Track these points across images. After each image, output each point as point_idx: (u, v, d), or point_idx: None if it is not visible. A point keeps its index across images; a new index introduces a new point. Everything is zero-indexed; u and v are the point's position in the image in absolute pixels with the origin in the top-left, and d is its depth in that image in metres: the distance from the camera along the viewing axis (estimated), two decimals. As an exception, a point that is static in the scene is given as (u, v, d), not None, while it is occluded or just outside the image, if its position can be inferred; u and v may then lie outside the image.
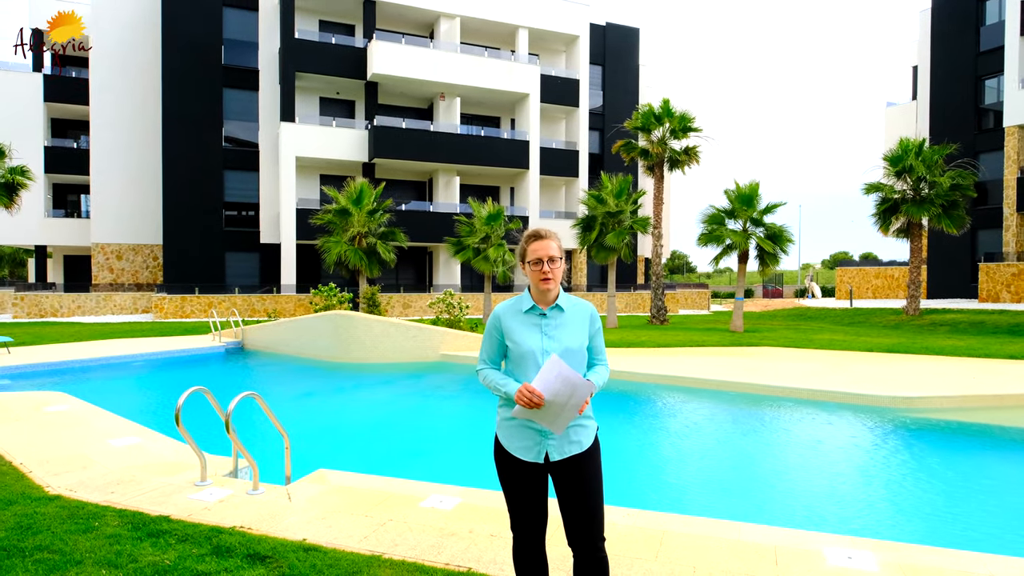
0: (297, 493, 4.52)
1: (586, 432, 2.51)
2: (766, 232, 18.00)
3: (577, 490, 2.45)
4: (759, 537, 3.81)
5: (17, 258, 47.96)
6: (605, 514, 4.04)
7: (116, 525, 3.87)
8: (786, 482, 5.93)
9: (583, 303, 2.57)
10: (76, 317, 25.21)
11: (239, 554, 3.50)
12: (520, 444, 2.46)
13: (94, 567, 3.31)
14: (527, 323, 2.47)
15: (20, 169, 21.55)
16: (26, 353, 12.63)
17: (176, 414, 4.53)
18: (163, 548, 3.57)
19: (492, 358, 2.56)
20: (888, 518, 4.94)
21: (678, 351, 13.59)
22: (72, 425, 6.52)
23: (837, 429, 7.85)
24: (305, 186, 28.28)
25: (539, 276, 2.46)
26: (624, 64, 35.03)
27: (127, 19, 28.90)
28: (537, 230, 2.55)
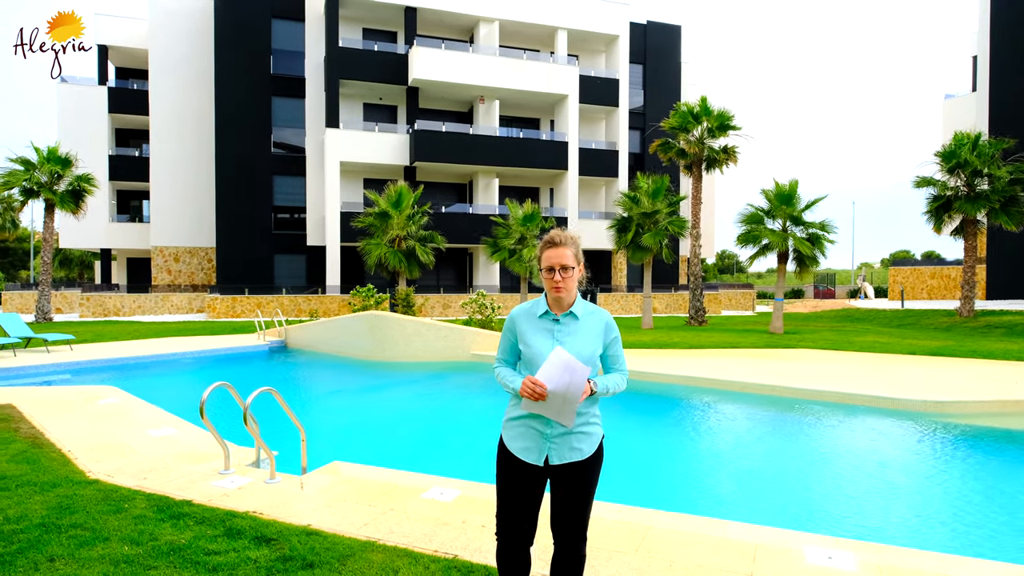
0: (310, 482, 4.82)
1: (589, 440, 2.51)
2: (805, 232, 17.63)
3: (570, 496, 2.49)
4: (743, 535, 3.89)
5: (85, 261, 50.76)
6: (596, 510, 4.22)
7: (143, 507, 4.24)
8: (798, 485, 5.93)
9: (599, 311, 2.57)
10: (136, 316, 26.60)
11: (248, 536, 3.80)
12: (522, 445, 2.48)
13: (118, 543, 3.66)
14: (540, 328, 2.49)
15: (85, 177, 22.95)
16: (87, 350, 13.49)
17: (200, 407, 4.90)
18: (181, 529, 3.90)
19: (507, 358, 2.61)
20: (900, 523, 4.91)
21: (709, 352, 13.49)
22: (118, 417, 7.03)
23: (860, 433, 7.75)
24: (349, 190, 29.08)
25: (551, 284, 2.46)
26: (665, 62, 34.72)
27: (183, 33, 30.32)
28: (552, 237, 2.52)
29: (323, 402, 10.26)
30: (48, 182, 22.17)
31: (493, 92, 29.46)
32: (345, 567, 3.41)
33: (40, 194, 22.10)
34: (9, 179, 21.73)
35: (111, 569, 3.35)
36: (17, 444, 5.78)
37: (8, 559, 3.45)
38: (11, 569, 3.34)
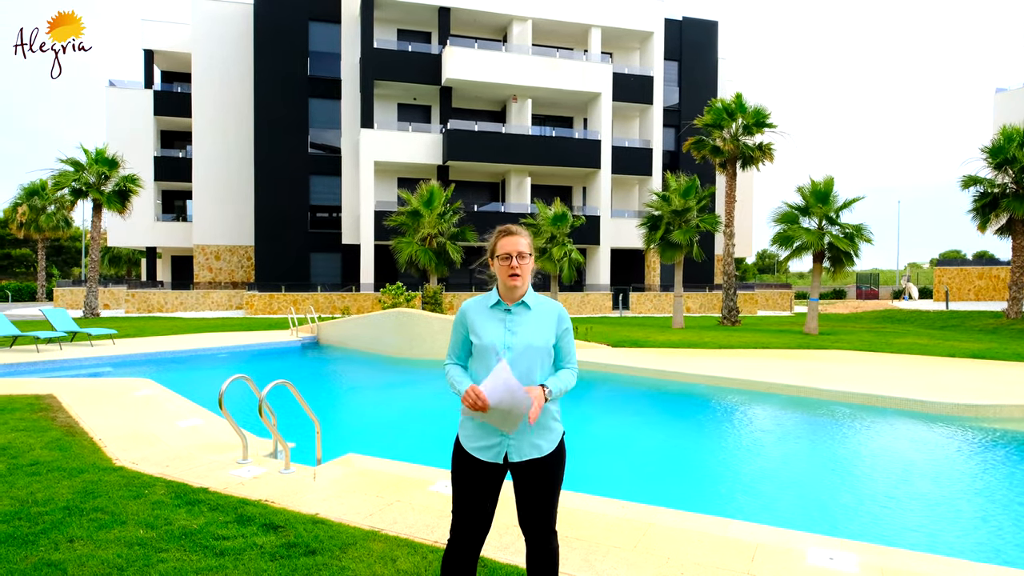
0: (323, 473, 4.94)
1: (549, 436, 2.47)
2: (841, 231, 17.20)
3: (534, 492, 2.47)
4: (745, 534, 3.86)
5: (133, 258, 52.64)
6: (598, 506, 4.23)
7: (162, 494, 4.42)
8: (815, 487, 5.82)
9: (551, 302, 2.55)
10: (178, 312, 27.48)
11: (257, 523, 3.93)
12: (480, 443, 2.43)
13: (135, 527, 3.83)
14: (491, 318, 2.47)
15: (131, 177, 23.80)
16: (128, 344, 14.02)
17: (219, 399, 5.07)
18: (195, 515, 4.06)
19: (457, 354, 2.57)
20: (919, 528, 4.79)
21: (738, 353, 13.29)
22: (150, 408, 7.31)
23: (886, 436, 7.55)
24: (383, 189, 29.48)
25: (507, 272, 2.43)
26: (701, 59, 34.23)
27: (224, 37, 31.16)
28: (508, 226, 2.53)
29: (349, 397, 10.46)
30: (96, 183, 23.07)
31: (526, 91, 29.49)
32: (346, 555, 3.50)
33: (88, 194, 23.01)
34: (60, 180, 22.70)
35: (125, 551, 3.51)
36: (53, 432, 6.07)
37: (32, 539, 3.64)
38: (34, 548, 3.53)
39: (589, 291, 29.94)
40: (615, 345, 14.14)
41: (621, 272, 32.90)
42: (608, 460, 6.84)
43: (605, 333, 16.56)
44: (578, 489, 4.73)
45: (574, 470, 6.25)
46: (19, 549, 3.51)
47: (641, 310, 30.16)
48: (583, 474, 6.18)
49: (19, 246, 53.45)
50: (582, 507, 4.28)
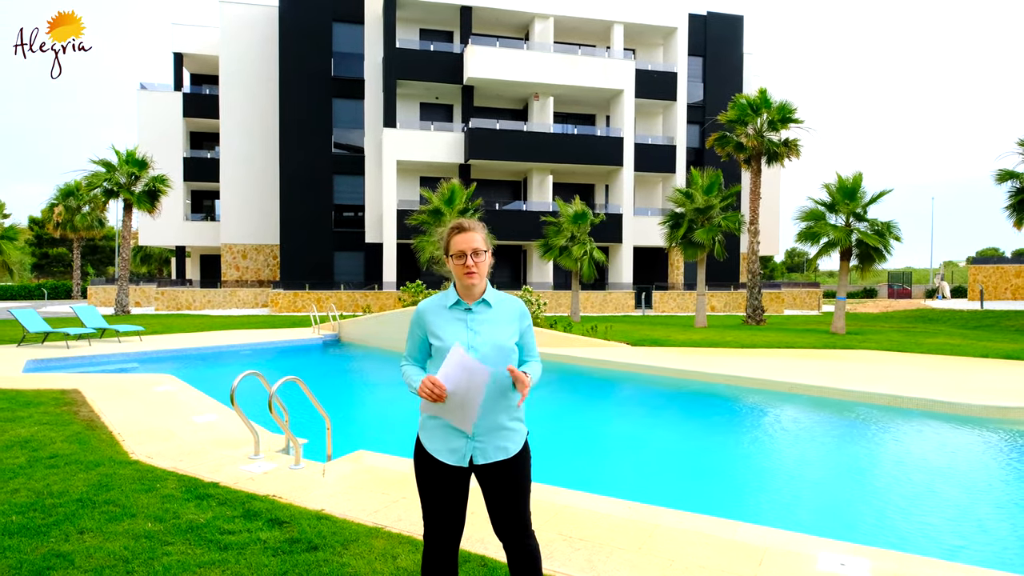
0: (332, 470, 4.97)
1: (514, 437, 2.40)
2: (870, 227, 16.81)
3: (503, 495, 2.39)
4: (754, 538, 3.77)
5: (164, 257, 53.77)
6: (604, 506, 4.18)
7: (173, 488, 4.48)
8: (834, 490, 5.69)
9: (512, 299, 2.48)
10: (206, 310, 27.99)
11: (263, 518, 3.96)
12: (443, 446, 2.35)
13: (144, 520, 3.89)
14: (451, 318, 2.37)
15: (160, 178, 24.29)
16: (155, 341, 14.31)
17: (231, 395, 5.12)
18: (204, 509, 4.10)
19: (414, 356, 2.48)
20: (941, 534, 4.64)
21: (761, 352, 13.07)
22: (169, 403, 7.44)
23: (911, 438, 7.34)
24: (405, 188, 29.66)
25: (463, 270, 2.34)
26: (726, 54, 33.77)
27: (251, 39, 31.63)
28: (460, 222, 2.43)
29: (365, 394, 10.53)
30: (127, 183, 23.58)
31: (548, 89, 29.41)
32: (347, 551, 3.50)
33: (119, 194, 23.54)
34: (92, 180, 23.26)
35: (132, 543, 3.56)
36: (74, 426, 6.20)
37: (44, 530, 3.72)
38: (45, 539, 3.60)
39: (611, 290, 29.75)
40: (635, 344, 14.02)
41: (644, 271, 32.63)
42: (619, 459, 6.77)
43: (625, 332, 16.43)
44: (586, 488, 4.68)
45: (584, 469, 6.23)
46: (31, 540, 3.58)
47: (664, 309, 29.87)
48: (592, 473, 6.12)
49: (56, 245, 54.95)
50: (588, 507, 4.23)
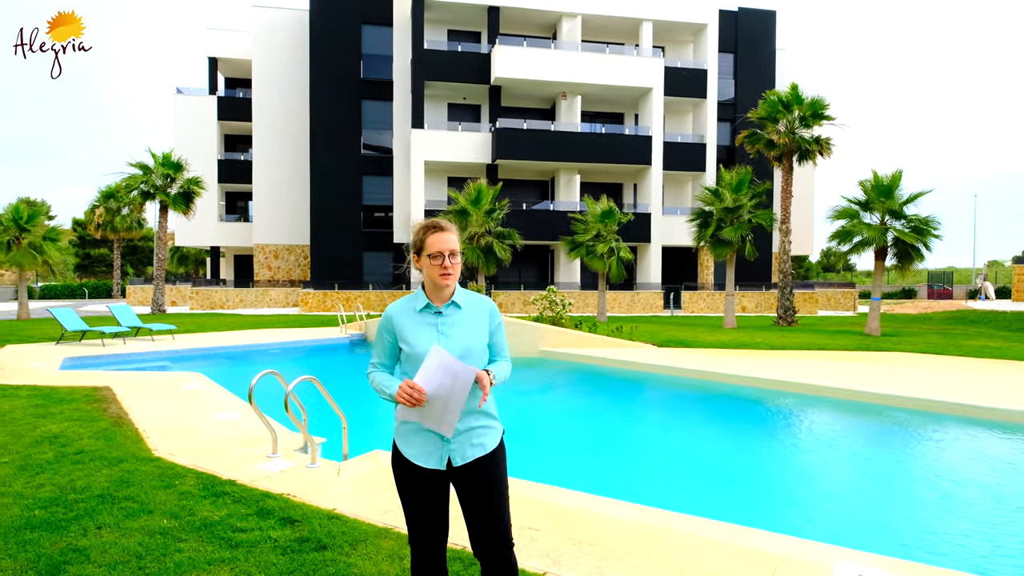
0: (347, 469, 5.00)
1: (490, 434, 2.37)
2: (907, 225, 16.33)
3: (481, 494, 2.32)
4: (769, 546, 3.67)
5: (200, 258, 55.06)
6: (616, 510, 4.11)
7: (191, 485, 4.56)
8: (858, 498, 5.52)
9: (482, 298, 2.43)
10: (239, 309, 28.56)
11: (276, 516, 4.00)
12: (420, 450, 2.29)
13: (160, 516, 3.96)
14: (421, 322, 2.31)
15: (194, 180, 24.85)
16: (187, 340, 14.64)
17: (249, 393, 5.20)
18: (219, 506, 4.16)
19: (383, 361, 2.40)
20: (970, 548, 4.47)
21: (790, 354, 12.79)
22: (195, 401, 7.59)
23: (944, 445, 7.09)
24: (433, 188, 29.81)
25: (438, 271, 2.27)
26: (758, 50, 33.17)
27: (282, 43, 32.17)
28: (437, 221, 2.36)
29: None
30: (162, 185, 24.19)
31: (575, 88, 29.26)
32: (355, 551, 3.51)
33: (155, 196, 24.16)
34: (129, 182, 23.93)
35: (146, 539, 3.62)
36: (102, 423, 6.36)
37: (64, 524, 3.81)
38: (64, 533, 3.69)
39: (640, 290, 29.48)
40: (660, 345, 13.85)
41: (673, 270, 32.26)
42: (635, 462, 6.68)
43: (652, 332, 16.25)
44: (600, 492, 4.62)
45: (598, 472, 6.15)
46: (51, 534, 3.68)
47: (694, 309, 29.49)
48: (606, 476, 6.05)
49: (98, 246, 56.67)
50: (599, 511, 4.17)
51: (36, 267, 21.16)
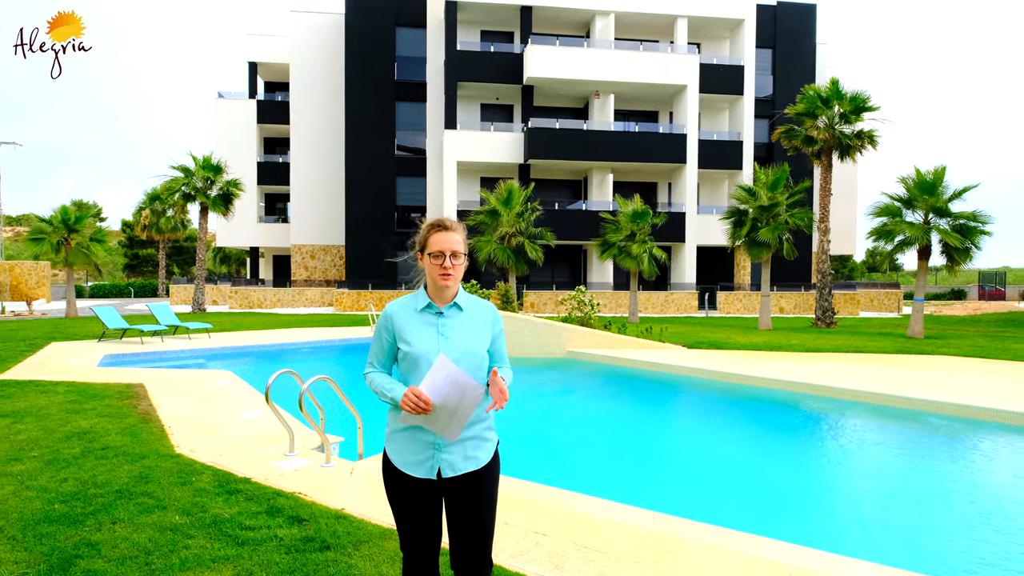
0: (360, 469, 5.02)
1: (485, 447, 2.29)
2: (952, 223, 15.71)
3: (469, 510, 2.25)
4: (782, 556, 3.54)
5: (240, 258, 56.47)
6: (628, 515, 4.02)
7: (207, 482, 4.63)
8: (881, 509, 5.30)
9: (484, 303, 2.37)
10: (276, 309, 29.15)
11: (285, 515, 4.04)
12: (411, 458, 2.22)
13: (173, 513, 4.03)
14: (421, 322, 2.24)
15: (233, 182, 25.47)
16: (222, 338, 14.98)
17: (266, 392, 5.26)
18: (231, 504, 4.22)
19: (381, 362, 2.33)
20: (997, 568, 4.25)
21: (826, 357, 12.41)
22: (222, 398, 7.74)
23: (986, 455, 6.77)
24: (466, 188, 29.93)
25: (439, 271, 2.21)
26: (798, 45, 32.37)
27: (319, 46, 32.71)
28: (442, 220, 2.30)
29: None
30: (203, 187, 24.87)
31: (608, 86, 29.02)
32: (358, 552, 3.51)
33: (196, 198, 24.85)
34: (171, 185, 24.66)
35: (157, 535, 3.69)
36: (130, 419, 6.54)
37: (81, 519, 3.91)
38: (80, 527, 3.79)
39: (673, 290, 29.07)
40: (691, 346, 13.61)
41: (708, 271, 31.71)
42: (651, 467, 6.55)
43: (683, 334, 15.98)
44: (616, 496, 4.53)
45: (612, 476, 6.05)
46: (68, 528, 3.78)
47: (729, 310, 28.93)
48: (620, 480, 5.94)
49: (145, 247, 58.61)
50: (608, 516, 4.09)
51: (85, 267, 21.97)
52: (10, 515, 3.96)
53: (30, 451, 5.35)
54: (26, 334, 15.13)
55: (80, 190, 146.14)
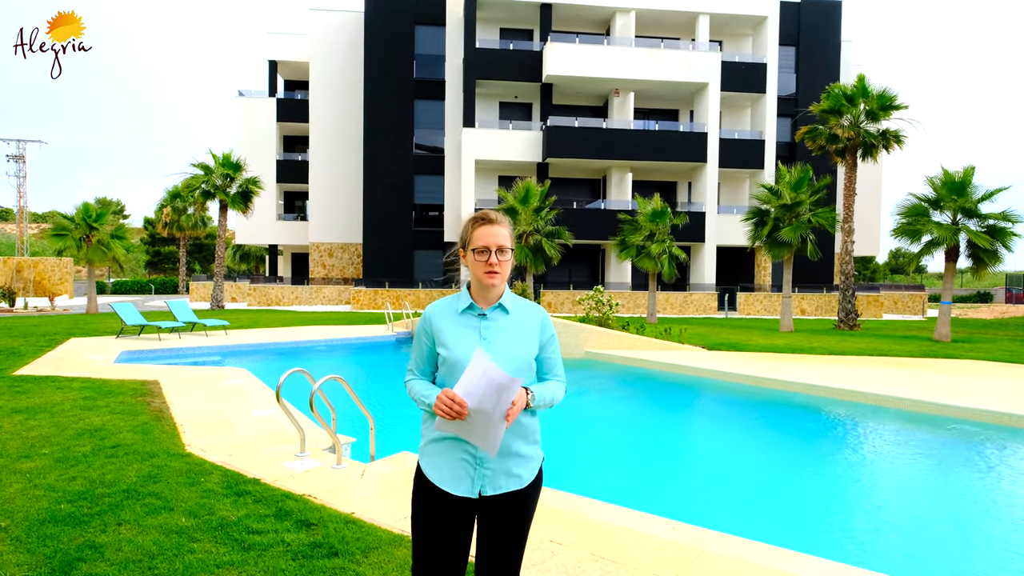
0: (372, 471, 4.90)
1: (528, 465, 2.09)
2: (982, 224, 15.27)
3: (506, 532, 2.06)
4: (809, 571, 3.35)
5: (259, 255, 56.94)
6: (648, 525, 3.86)
7: (216, 483, 4.54)
8: (914, 522, 5.08)
9: (533, 306, 2.17)
10: (294, 306, 29.28)
11: (293, 518, 3.92)
12: (449, 474, 2.02)
13: (179, 515, 3.94)
14: (462, 324, 2.07)
15: (252, 180, 25.58)
16: (239, 335, 15.01)
17: (277, 391, 5.17)
18: (239, 506, 4.12)
19: (421, 368, 2.16)
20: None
21: (849, 360, 12.10)
22: (235, 396, 7.68)
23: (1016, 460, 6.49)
24: (484, 187, 29.83)
25: (484, 268, 2.04)
26: (822, 43, 31.81)
27: (339, 45, 32.79)
28: (486, 213, 2.12)
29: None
30: (222, 185, 25.01)
31: (628, 84, 28.74)
32: (366, 559, 3.39)
33: (216, 195, 25.00)
34: (191, 182, 24.83)
35: (162, 538, 3.59)
36: (143, 416, 6.49)
37: (87, 520, 3.83)
38: (85, 528, 3.70)
39: (693, 291, 28.72)
40: (710, 348, 13.35)
41: (728, 271, 31.30)
42: (672, 473, 6.36)
43: (703, 335, 15.71)
44: (630, 504, 4.37)
45: (631, 482, 5.87)
46: (73, 529, 3.70)
47: (750, 311, 28.52)
48: (640, 487, 5.76)
49: (167, 244, 59.34)
50: (628, 525, 3.92)
51: (106, 263, 22.19)
52: (16, 514, 3.90)
53: (41, 448, 5.30)
54: (47, 329, 15.28)
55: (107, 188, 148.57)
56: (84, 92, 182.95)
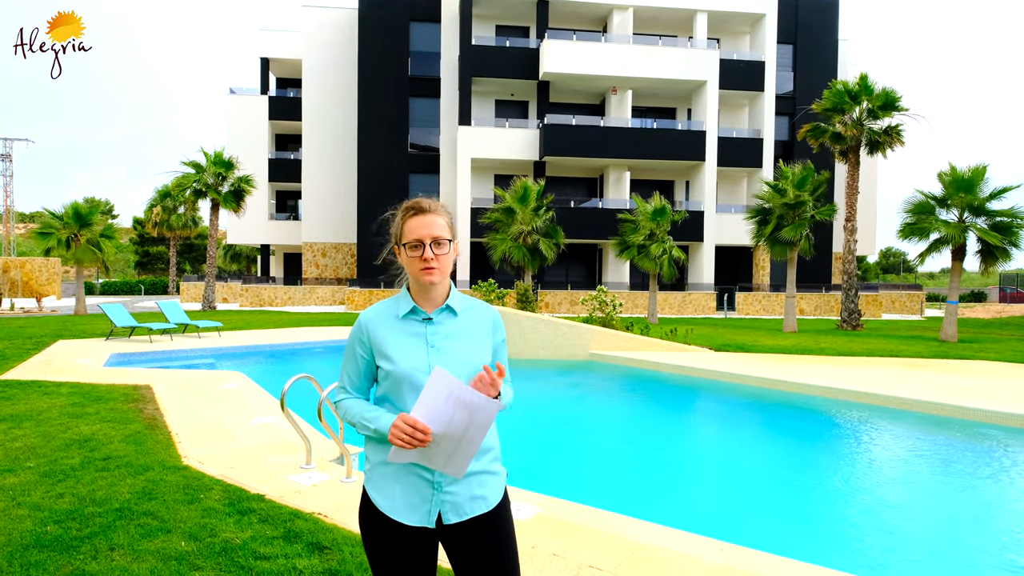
0: (385, 485, 4.55)
1: (494, 481, 1.80)
2: (991, 222, 15.08)
3: (484, 564, 1.74)
4: (883, 600, 3.03)
5: (251, 255, 56.26)
6: (696, 547, 3.52)
7: (216, 499, 4.17)
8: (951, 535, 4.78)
9: (483, 306, 1.89)
10: (287, 307, 28.81)
11: (304, 541, 3.57)
12: (402, 501, 1.72)
13: (178, 537, 3.57)
14: (405, 332, 1.77)
15: (245, 178, 25.13)
16: (232, 337, 14.59)
17: (281, 400, 4.80)
18: (243, 527, 3.75)
19: (356, 384, 1.84)
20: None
21: (862, 361, 11.84)
22: (232, 402, 7.30)
23: (1059, 469, 6.22)
24: (480, 185, 29.48)
25: (419, 265, 1.74)
26: (820, 41, 31.68)
27: (332, 42, 32.34)
28: (418, 201, 1.83)
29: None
30: (214, 183, 24.54)
31: (626, 82, 28.47)
32: (389, 590, 3.03)
33: (207, 194, 24.52)
34: (182, 181, 24.36)
35: (159, 565, 3.23)
36: (135, 425, 6.10)
37: (75, 544, 3.46)
38: (74, 555, 3.33)
39: (691, 291, 28.49)
40: (718, 349, 13.07)
41: (726, 271, 31.11)
42: (694, 481, 6.04)
43: (708, 336, 15.44)
44: (653, 516, 4.04)
45: (658, 494, 5.54)
46: (60, 555, 3.33)
47: (748, 311, 28.32)
48: (669, 498, 5.44)
49: (156, 244, 58.58)
50: (671, 547, 3.58)
51: (95, 263, 21.68)
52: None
53: (25, 461, 4.92)
54: (33, 331, 14.80)
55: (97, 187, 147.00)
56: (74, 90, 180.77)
